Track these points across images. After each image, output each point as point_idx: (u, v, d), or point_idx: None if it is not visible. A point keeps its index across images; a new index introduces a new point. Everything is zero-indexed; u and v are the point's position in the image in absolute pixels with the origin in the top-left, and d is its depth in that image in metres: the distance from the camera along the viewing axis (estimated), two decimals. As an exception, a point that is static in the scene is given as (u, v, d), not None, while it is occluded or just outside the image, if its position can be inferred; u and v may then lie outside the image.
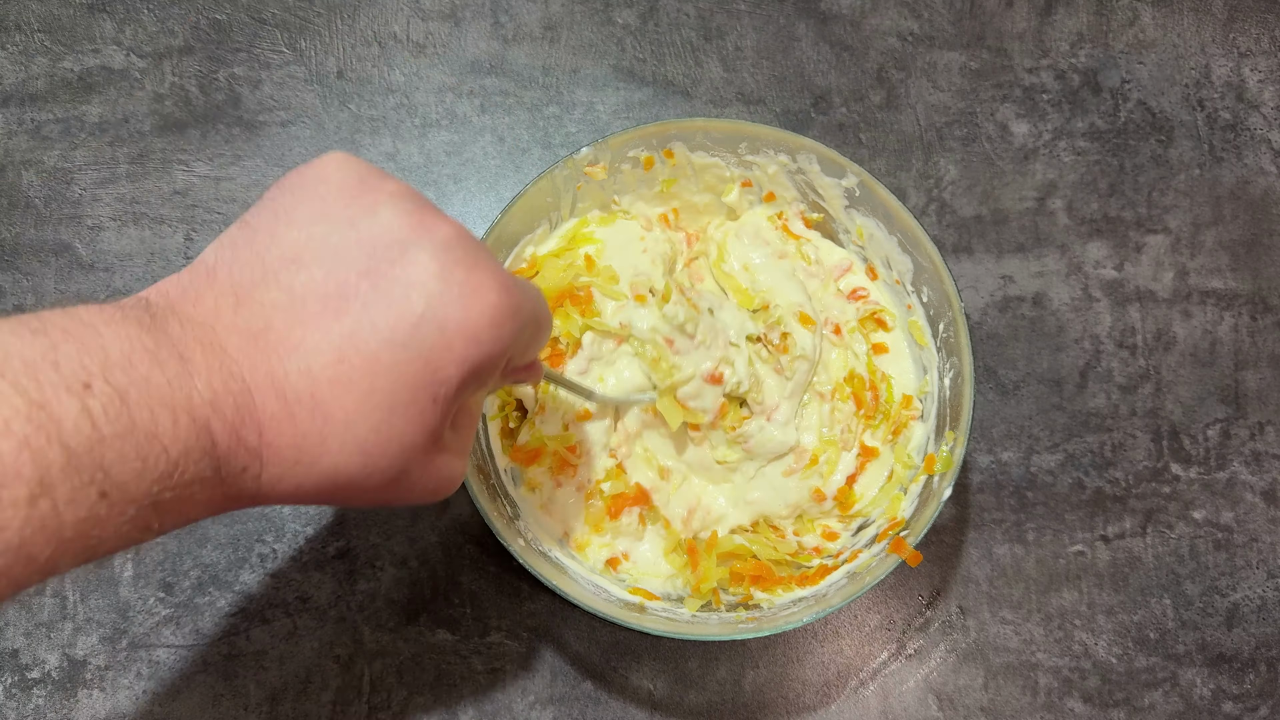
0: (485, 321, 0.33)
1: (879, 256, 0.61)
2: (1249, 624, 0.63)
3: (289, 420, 0.32)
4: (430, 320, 0.32)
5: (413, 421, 0.33)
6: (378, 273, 0.32)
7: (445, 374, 0.33)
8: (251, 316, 0.32)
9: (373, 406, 0.32)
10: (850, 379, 0.60)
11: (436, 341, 0.32)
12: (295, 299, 0.32)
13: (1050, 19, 0.73)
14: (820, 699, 0.61)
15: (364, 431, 0.32)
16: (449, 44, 0.71)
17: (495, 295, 0.33)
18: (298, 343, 0.32)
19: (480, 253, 0.34)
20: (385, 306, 0.32)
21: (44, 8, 0.71)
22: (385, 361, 0.32)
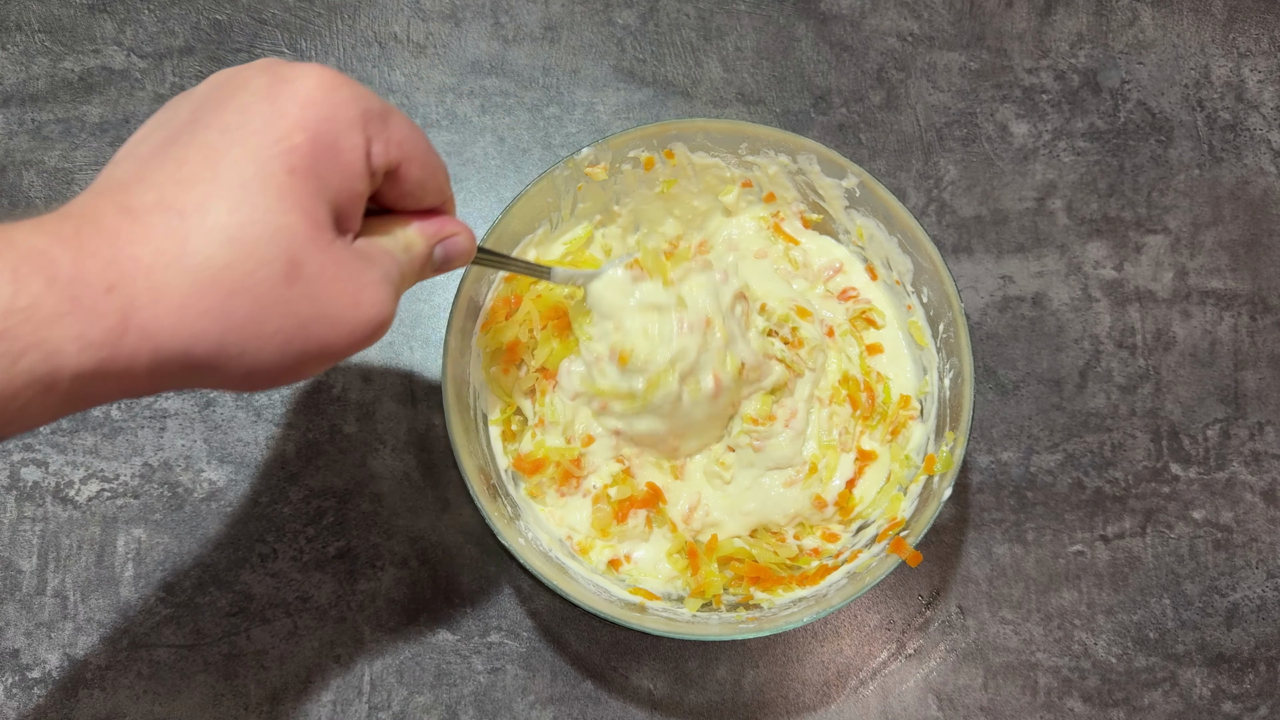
0: (314, 84, 0.34)
1: (879, 257, 0.61)
2: (1248, 624, 0.63)
3: (140, 228, 0.31)
4: (258, 100, 0.33)
5: (274, 195, 0.32)
6: (208, 107, 0.34)
7: (290, 141, 0.33)
8: (102, 185, 0.33)
9: (221, 189, 0.31)
10: (845, 381, 0.60)
11: (269, 114, 0.33)
12: (139, 158, 0.33)
13: (1050, 19, 0.73)
14: (820, 699, 0.62)
15: (221, 215, 0.31)
16: (449, 44, 0.71)
17: (320, 70, 0.34)
18: (139, 176, 0.32)
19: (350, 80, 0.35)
20: (213, 115, 0.33)
21: (44, 8, 0.71)
22: (222, 146, 0.32)
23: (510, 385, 0.60)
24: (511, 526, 0.55)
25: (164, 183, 0.32)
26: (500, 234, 0.57)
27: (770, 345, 0.59)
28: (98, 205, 0.32)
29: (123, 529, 0.63)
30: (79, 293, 0.29)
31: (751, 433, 0.58)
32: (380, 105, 0.37)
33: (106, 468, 0.63)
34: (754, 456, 0.59)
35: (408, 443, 0.64)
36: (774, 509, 0.59)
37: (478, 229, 0.68)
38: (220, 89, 0.34)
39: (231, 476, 0.63)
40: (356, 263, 0.36)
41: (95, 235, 0.30)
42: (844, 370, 0.60)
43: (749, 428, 0.58)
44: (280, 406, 0.65)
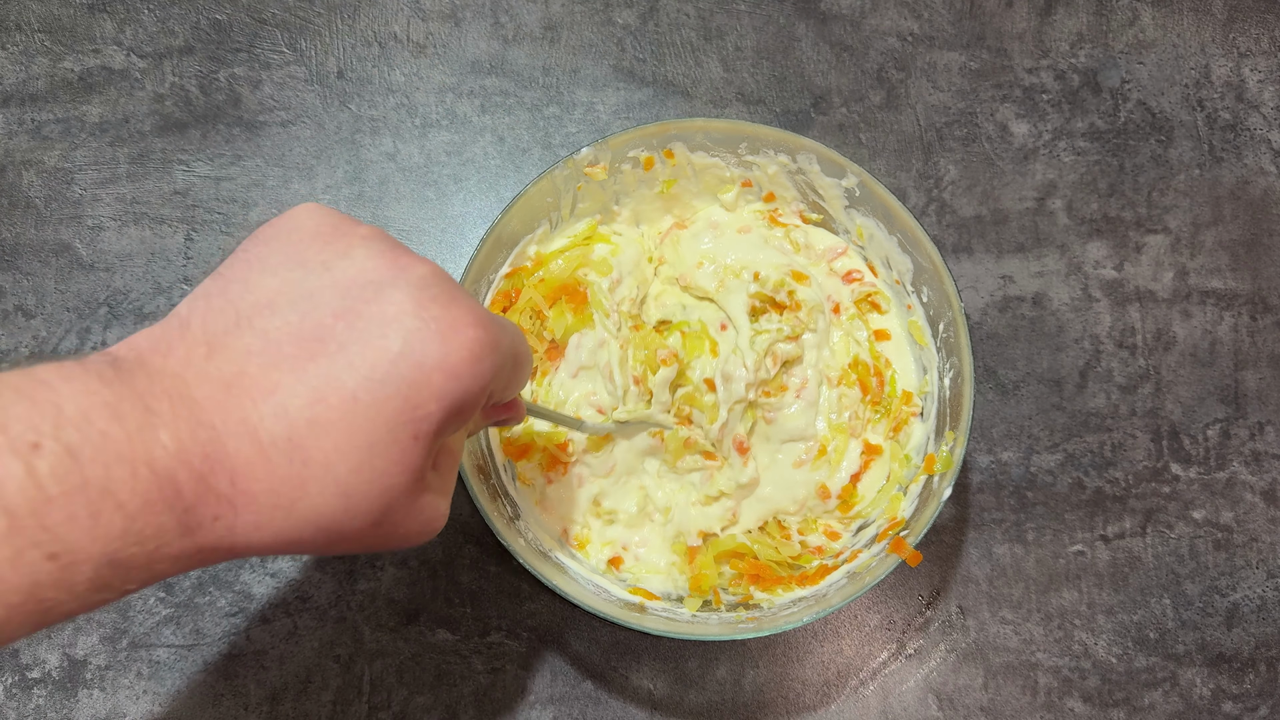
0: (464, 356, 0.33)
1: (879, 256, 0.61)
2: (1249, 624, 0.63)
3: (264, 464, 0.31)
4: (408, 357, 0.32)
5: (394, 461, 0.33)
6: (353, 312, 0.32)
7: (425, 410, 0.32)
8: (224, 364, 0.31)
9: (353, 446, 0.31)
10: (855, 365, 0.61)
11: (415, 378, 0.32)
12: (270, 343, 0.31)
13: (1050, 19, 0.73)
14: (820, 699, 0.62)
15: (344, 472, 0.32)
16: (449, 44, 0.71)
17: (473, 330, 0.33)
18: (273, 386, 0.31)
19: (456, 290, 0.34)
20: (362, 345, 0.32)
21: (44, 8, 0.71)
22: (364, 400, 0.31)
23: None
24: (511, 527, 0.55)
25: (297, 416, 0.31)
26: (500, 233, 0.57)
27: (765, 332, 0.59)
28: (227, 405, 0.30)
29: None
30: (191, 522, 0.30)
31: (763, 405, 0.59)
32: (510, 357, 0.36)
33: (106, 468, 0.63)
34: (768, 430, 0.59)
35: (407, 443, 0.64)
36: (785, 494, 0.59)
37: (477, 229, 0.68)
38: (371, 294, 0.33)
39: (231, 476, 0.63)
40: (434, 494, 0.37)
41: (222, 460, 0.30)
42: (854, 354, 0.61)
43: (761, 400, 0.59)
44: (280, 406, 0.65)
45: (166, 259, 0.67)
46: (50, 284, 0.66)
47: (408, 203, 0.69)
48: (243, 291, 0.33)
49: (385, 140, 0.69)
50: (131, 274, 0.67)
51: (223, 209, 0.68)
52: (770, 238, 0.63)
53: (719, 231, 0.63)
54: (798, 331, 0.60)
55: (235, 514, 0.31)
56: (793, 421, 0.59)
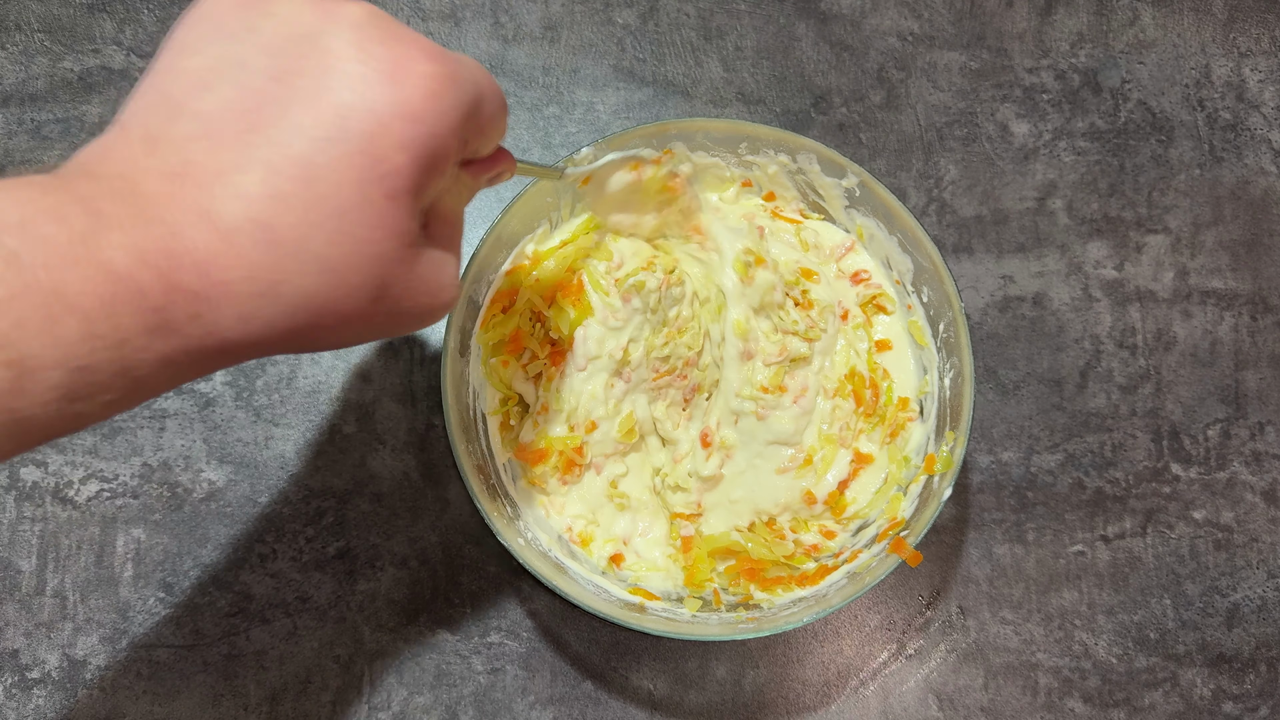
0: (421, 94, 0.30)
1: (879, 256, 0.61)
2: (1249, 624, 0.63)
3: (232, 252, 0.29)
4: (358, 106, 0.29)
5: (373, 225, 0.30)
6: (289, 71, 0.30)
7: (392, 163, 0.30)
8: (168, 155, 0.29)
9: (322, 216, 0.29)
10: (851, 376, 0.60)
11: (371, 129, 0.29)
12: (209, 124, 0.29)
13: (1050, 19, 0.73)
14: (820, 699, 0.61)
15: (320, 245, 0.29)
16: (449, 44, 0.71)
17: (426, 64, 0.31)
18: (222, 168, 0.29)
19: (398, 26, 0.32)
20: (305, 104, 0.29)
21: (44, 8, 0.71)
22: (321, 163, 0.29)
23: (510, 376, 0.60)
24: (511, 526, 0.55)
25: (255, 194, 0.29)
26: (500, 233, 0.57)
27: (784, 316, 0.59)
28: (178, 197, 0.29)
29: (122, 529, 0.62)
30: (165, 324, 0.28)
31: (759, 400, 0.58)
32: (475, 90, 0.33)
33: (106, 468, 0.63)
34: (756, 427, 0.58)
35: (407, 443, 0.64)
36: (764, 497, 0.59)
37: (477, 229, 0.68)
38: (305, 47, 0.30)
39: (231, 477, 0.63)
40: (434, 265, 0.35)
41: (185, 254, 0.28)
42: (851, 365, 0.60)
43: (758, 395, 0.58)
44: (280, 406, 0.65)
45: (166, 259, 0.67)
46: (50, 284, 0.66)
47: (408, 203, 0.69)
48: (170, 80, 0.31)
49: (385, 140, 0.69)
50: (131, 274, 0.67)
51: (222, 209, 0.68)
52: (777, 229, 0.62)
53: (722, 215, 0.62)
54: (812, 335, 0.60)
55: (215, 309, 0.29)
56: (782, 425, 0.58)
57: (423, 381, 0.65)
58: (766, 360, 0.58)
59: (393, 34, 0.31)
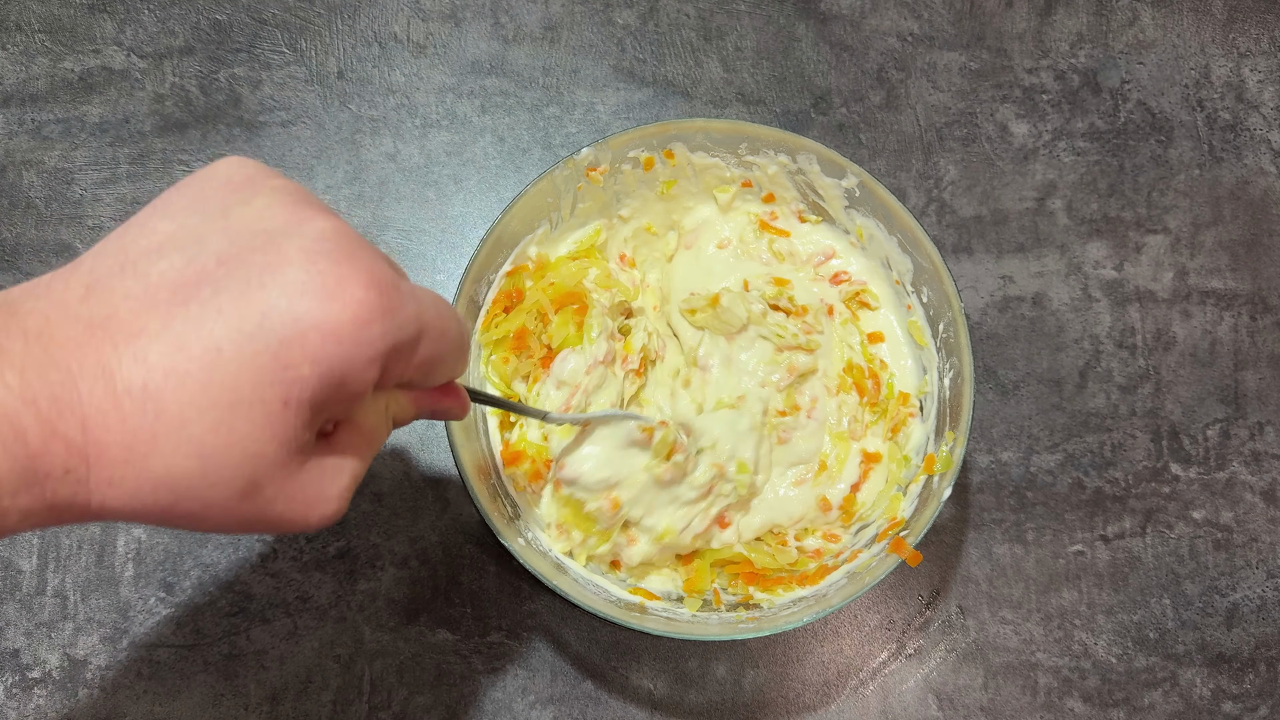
0: (347, 318, 0.30)
1: (879, 257, 0.61)
2: (1249, 624, 0.63)
3: (117, 413, 0.28)
4: (283, 311, 0.29)
5: (259, 425, 0.30)
6: (237, 260, 0.30)
7: (297, 373, 0.30)
8: (97, 306, 0.29)
9: (210, 402, 0.29)
10: (850, 369, 0.61)
11: (288, 335, 0.29)
12: (148, 287, 0.29)
13: (1050, 19, 0.73)
14: (820, 699, 0.62)
15: (200, 430, 0.29)
16: (449, 44, 0.71)
17: (363, 291, 0.30)
18: (138, 331, 0.29)
19: (360, 248, 0.31)
20: (237, 293, 0.29)
21: (44, 8, 0.71)
22: (228, 353, 0.29)
23: (510, 374, 0.60)
24: (511, 526, 0.55)
25: (155, 364, 0.28)
26: (500, 234, 0.57)
27: (782, 332, 0.59)
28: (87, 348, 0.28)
29: (122, 529, 0.63)
30: (37, 470, 0.28)
31: (779, 425, 0.59)
32: (413, 329, 0.33)
33: (106, 468, 0.63)
34: (780, 453, 0.59)
35: (407, 443, 0.64)
36: (780, 513, 0.59)
37: (478, 229, 0.68)
38: (262, 241, 0.30)
39: (231, 476, 0.63)
40: (321, 477, 0.34)
41: (73, 405, 0.28)
42: (848, 359, 0.61)
43: (776, 420, 0.59)
44: (280, 406, 0.65)
45: (167, 259, 0.67)
46: (50, 284, 0.66)
47: (408, 203, 0.69)
48: (137, 236, 0.31)
49: (385, 140, 0.69)
50: (132, 274, 0.67)
51: (223, 209, 0.68)
52: (747, 250, 0.63)
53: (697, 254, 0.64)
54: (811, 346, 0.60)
55: (88, 468, 0.29)
56: (805, 444, 0.59)
57: (423, 381, 0.66)
58: (778, 387, 0.59)
59: (348, 253, 0.31)
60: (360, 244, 0.32)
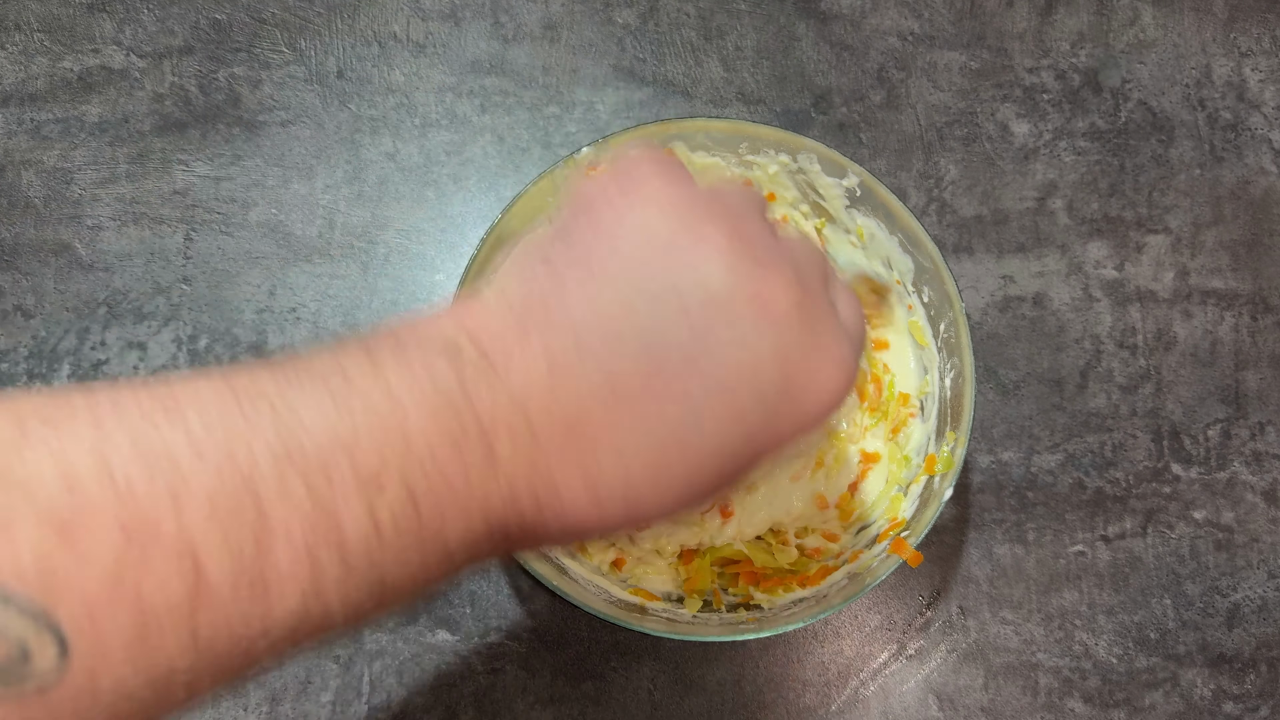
0: (820, 410, 0.30)
1: (880, 257, 0.61)
2: (1250, 624, 0.63)
3: (595, 510, 0.28)
4: (763, 427, 0.29)
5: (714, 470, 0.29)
6: (700, 358, 0.28)
7: (760, 456, 0.30)
8: (566, 399, 0.27)
9: (677, 496, 0.29)
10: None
11: (762, 438, 0.29)
12: (612, 382, 0.27)
13: (1050, 19, 0.73)
14: (820, 699, 0.61)
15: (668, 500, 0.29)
16: (449, 44, 0.71)
17: (836, 379, 0.30)
18: (614, 440, 0.28)
19: (821, 321, 0.30)
20: (715, 407, 0.28)
21: (44, 8, 0.71)
22: (709, 467, 0.29)
23: None
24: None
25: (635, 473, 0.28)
26: (501, 233, 0.57)
27: None
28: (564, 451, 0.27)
29: (122, 529, 0.62)
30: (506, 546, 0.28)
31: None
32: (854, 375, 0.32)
33: (106, 468, 0.63)
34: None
35: (407, 443, 0.64)
36: (780, 510, 0.59)
37: (478, 229, 0.68)
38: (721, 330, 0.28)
39: (231, 477, 0.63)
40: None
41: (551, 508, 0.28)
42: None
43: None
44: (280, 406, 0.64)
45: (166, 259, 0.67)
46: (49, 284, 0.66)
47: (407, 202, 0.69)
48: (582, 303, 0.28)
49: (385, 140, 0.69)
50: (131, 274, 0.67)
51: (222, 209, 0.68)
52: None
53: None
54: None
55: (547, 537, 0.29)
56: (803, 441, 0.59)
57: (423, 381, 0.65)
58: None
59: (813, 337, 0.29)
60: (821, 311, 0.30)
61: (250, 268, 0.67)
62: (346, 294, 0.67)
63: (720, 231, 0.29)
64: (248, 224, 0.67)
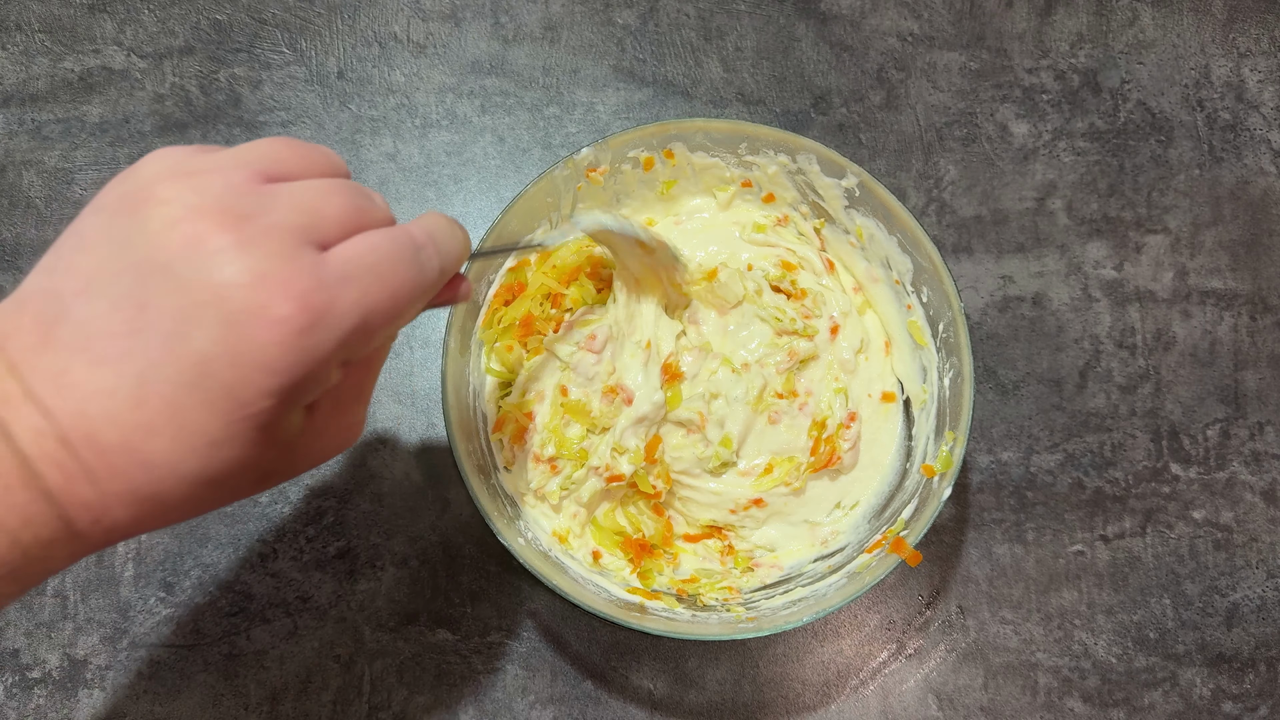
0: (279, 348, 0.30)
1: (879, 257, 0.61)
2: (1248, 624, 0.63)
3: (111, 470, 0.30)
4: (218, 359, 0.30)
5: (248, 446, 0.32)
6: (153, 307, 0.30)
7: (257, 406, 0.31)
8: (54, 359, 0.30)
9: (190, 446, 0.31)
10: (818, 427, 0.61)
11: (232, 377, 0.30)
12: (88, 338, 0.30)
13: (1050, 19, 0.73)
14: (820, 699, 0.62)
15: (194, 465, 0.31)
16: (449, 44, 0.71)
17: (287, 309, 0.30)
18: (97, 388, 0.30)
19: (268, 250, 0.31)
20: (168, 348, 0.30)
21: (45, 8, 0.71)
22: (186, 404, 0.30)
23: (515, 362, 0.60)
24: (511, 526, 0.55)
25: (126, 423, 0.30)
26: (500, 233, 0.57)
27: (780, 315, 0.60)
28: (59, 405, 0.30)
29: (123, 529, 0.63)
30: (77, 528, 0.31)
31: (774, 406, 0.59)
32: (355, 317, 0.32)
33: (106, 468, 0.63)
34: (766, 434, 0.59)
35: (407, 443, 0.64)
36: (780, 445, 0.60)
37: (478, 229, 0.68)
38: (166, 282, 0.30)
39: (231, 476, 0.63)
40: (332, 420, 0.35)
41: (79, 470, 0.30)
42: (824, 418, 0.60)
43: (773, 400, 0.59)
44: (280, 406, 0.65)
45: (167, 259, 0.67)
46: (50, 284, 0.66)
47: (408, 203, 0.69)
48: (66, 272, 0.32)
49: (385, 140, 0.69)
50: (132, 274, 0.67)
51: (223, 209, 0.68)
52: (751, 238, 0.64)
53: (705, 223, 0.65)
54: (809, 332, 0.60)
55: (106, 513, 0.31)
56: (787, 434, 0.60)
57: (423, 381, 0.66)
58: (779, 369, 0.59)
59: (257, 273, 0.30)
60: (266, 245, 0.31)
61: (251, 268, 0.67)
62: (347, 294, 0.67)
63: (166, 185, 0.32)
64: (248, 224, 0.68)
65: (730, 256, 0.63)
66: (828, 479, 0.61)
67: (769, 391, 0.59)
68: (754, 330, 0.61)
